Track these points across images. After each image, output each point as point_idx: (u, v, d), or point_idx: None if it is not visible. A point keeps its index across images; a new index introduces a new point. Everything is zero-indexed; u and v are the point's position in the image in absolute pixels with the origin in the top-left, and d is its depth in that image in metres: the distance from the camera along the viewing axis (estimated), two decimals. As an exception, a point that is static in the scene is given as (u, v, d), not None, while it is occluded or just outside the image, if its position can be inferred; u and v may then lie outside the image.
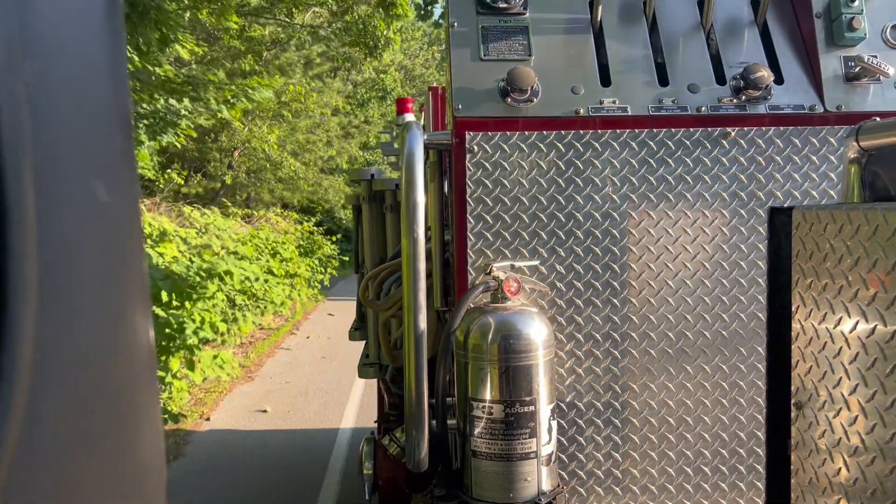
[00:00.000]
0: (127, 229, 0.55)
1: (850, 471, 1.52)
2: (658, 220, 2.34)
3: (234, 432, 7.39)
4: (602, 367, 2.37)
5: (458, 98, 2.33)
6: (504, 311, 2.16)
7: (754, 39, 2.48)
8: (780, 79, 2.42)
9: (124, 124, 0.55)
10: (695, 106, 2.36)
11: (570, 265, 2.34)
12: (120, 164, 0.54)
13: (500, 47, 2.40)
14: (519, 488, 2.12)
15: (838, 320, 1.55)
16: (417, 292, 2.21)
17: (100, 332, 0.51)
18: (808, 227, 1.66)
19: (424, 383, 2.23)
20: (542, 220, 2.33)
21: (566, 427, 2.38)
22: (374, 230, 3.52)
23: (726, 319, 2.37)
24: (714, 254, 2.35)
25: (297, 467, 6.36)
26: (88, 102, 0.51)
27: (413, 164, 2.23)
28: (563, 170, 2.32)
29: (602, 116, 2.33)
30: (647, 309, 2.36)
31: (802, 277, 1.71)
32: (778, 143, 2.34)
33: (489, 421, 2.11)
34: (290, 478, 6.12)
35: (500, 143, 2.31)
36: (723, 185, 2.34)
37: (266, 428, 7.52)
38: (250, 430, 7.47)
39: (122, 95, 0.54)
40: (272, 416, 7.93)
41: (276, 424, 7.62)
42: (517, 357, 2.10)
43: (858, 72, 2.39)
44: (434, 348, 2.51)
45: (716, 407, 2.39)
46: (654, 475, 2.40)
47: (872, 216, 1.41)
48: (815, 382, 1.65)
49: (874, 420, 1.43)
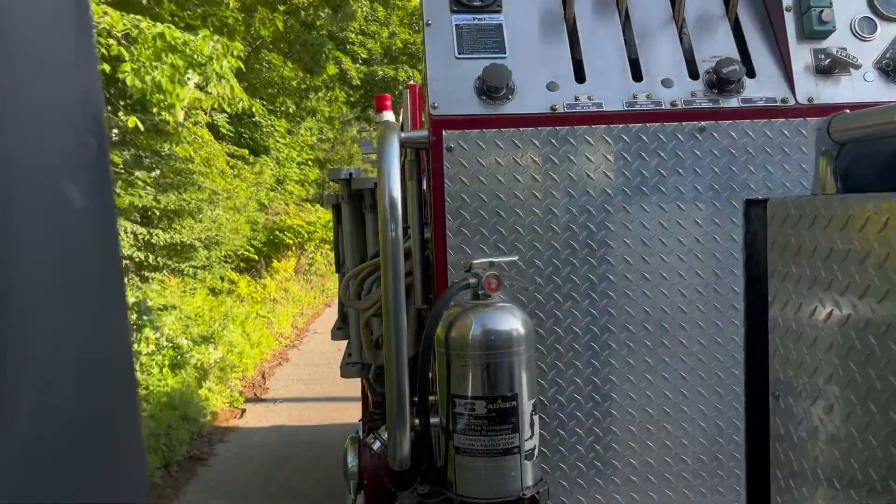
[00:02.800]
0: (101, 233, 0.55)
1: (827, 459, 1.54)
2: (635, 214, 2.36)
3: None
4: (583, 360, 2.39)
5: (435, 96, 2.33)
6: (484, 307, 2.16)
7: (726, 33, 2.50)
8: (753, 72, 2.44)
9: (97, 127, 0.54)
10: (669, 100, 2.38)
11: (549, 260, 2.35)
12: (93, 168, 0.53)
13: (475, 45, 2.40)
14: (503, 483, 2.13)
15: (814, 310, 1.57)
16: (396, 290, 2.21)
17: (75, 337, 0.51)
18: (783, 219, 1.68)
19: (405, 381, 2.23)
20: (521, 217, 2.34)
21: (548, 421, 2.39)
22: (353, 229, 3.51)
23: (704, 311, 2.39)
24: (691, 247, 2.37)
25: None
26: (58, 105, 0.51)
27: (389, 162, 2.23)
28: (540, 166, 2.33)
29: (577, 113, 2.34)
30: (625, 302, 2.38)
31: (778, 268, 1.73)
32: (751, 135, 2.36)
33: (471, 417, 2.12)
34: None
35: (476, 141, 2.31)
36: (698, 178, 2.36)
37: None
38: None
39: (93, 98, 0.54)
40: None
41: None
42: (498, 353, 2.11)
43: (829, 64, 2.42)
44: (416, 347, 2.51)
45: (695, 398, 2.42)
46: (637, 466, 2.43)
47: (844, 207, 1.43)
48: (793, 372, 1.68)
49: (850, 408, 1.45)
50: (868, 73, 2.43)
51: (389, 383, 2.24)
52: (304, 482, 6.08)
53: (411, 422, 2.26)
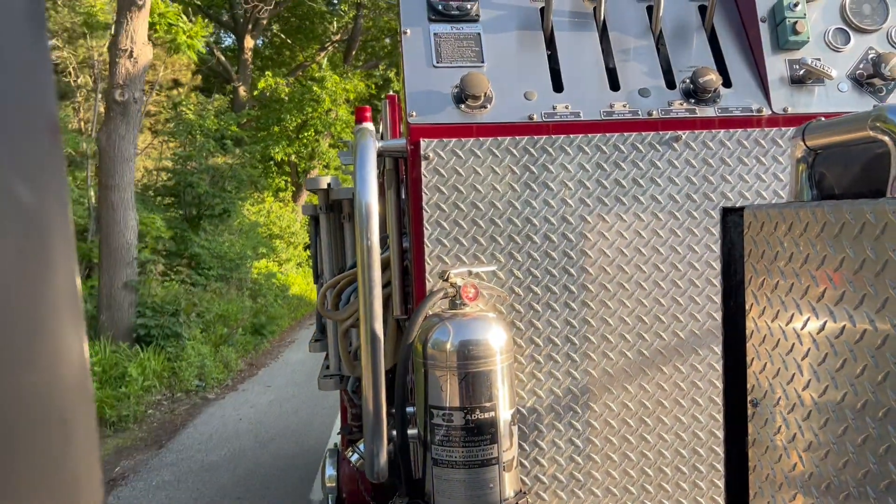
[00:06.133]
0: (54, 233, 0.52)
1: (805, 465, 1.54)
2: (612, 223, 2.36)
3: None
4: (561, 370, 2.38)
5: (413, 105, 2.32)
6: (462, 317, 2.15)
7: (702, 44, 2.52)
8: (728, 82, 2.46)
9: (50, 124, 0.52)
10: (646, 110, 2.38)
11: (527, 270, 2.34)
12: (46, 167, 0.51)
13: (452, 54, 2.40)
14: (481, 495, 2.10)
15: (790, 317, 1.57)
16: (373, 300, 2.19)
17: (22, 344, 0.49)
18: (759, 227, 1.68)
19: (382, 391, 2.21)
20: (499, 226, 2.33)
21: (527, 432, 2.37)
22: (331, 240, 3.49)
23: (682, 320, 2.39)
24: (668, 255, 2.38)
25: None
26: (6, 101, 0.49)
27: (365, 169, 2.21)
28: (518, 175, 2.33)
29: (555, 122, 2.34)
30: (603, 312, 2.37)
31: (755, 276, 1.73)
32: (727, 145, 2.38)
33: (449, 428, 2.10)
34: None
35: (454, 150, 2.30)
36: (675, 187, 2.37)
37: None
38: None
39: (46, 94, 0.52)
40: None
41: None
42: (476, 363, 2.09)
43: (803, 74, 2.44)
44: (395, 358, 2.49)
45: (674, 407, 2.41)
46: (616, 477, 2.41)
47: (820, 214, 1.43)
48: (770, 380, 1.67)
49: (826, 415, 1.45)
50: (842, 83, 2.46)
51: (366, 393, 2.21)
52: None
53: (389, 433, 2.24)
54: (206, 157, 15.06)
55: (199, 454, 7.03)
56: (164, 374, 9.53)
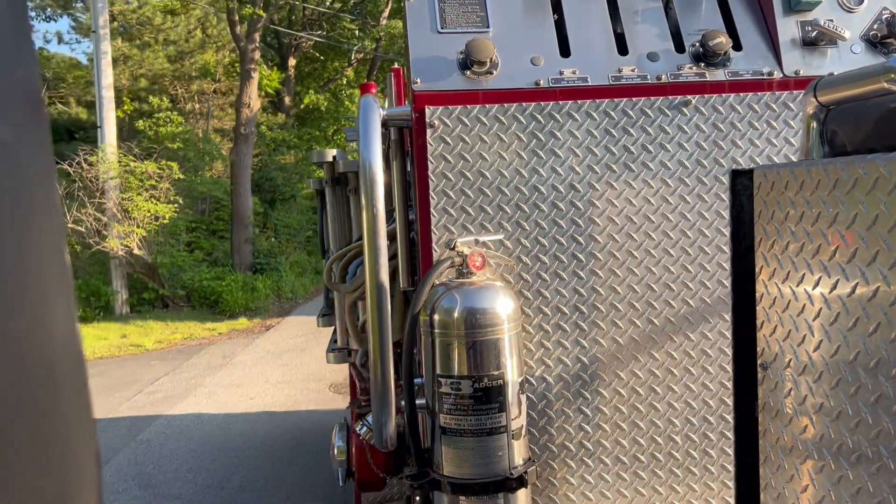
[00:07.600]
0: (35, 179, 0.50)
1: (816, 428, 1.51)
2: (621, 190, 2.33)
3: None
4: (570, 339, 2.36)
5: (417, 72, 2.29)
6: (469, 286, 2.13)
7: (712, 6, 2.47)
8: (739, 45, 2.41)
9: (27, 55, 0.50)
10: (655, 74, 2.34)
11: (534, 238, 2.32)
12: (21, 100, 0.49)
13: (457, 19, 2.36)
14: (490, 463, 2.10)
15: (801, 278, 1.54)
16: (379, 269, 2.18)
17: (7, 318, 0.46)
18: (770, 187, 1.65)
19: (390, 361, 2.20)
20: (506, 194, 2.30)
21: (536, 401, 2.36)
22: (338, 213, 3.47)
23: (692, 288, 2.37)
24: (678, 222, 2.34)
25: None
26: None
27: (369, 132, 2.18)
28: (525, 142, 2.30)
29: (562, 87, 2.31)
30: (612, 280, 2.35)
31: (765, 238, 1.70)
32: (738, 109, 2.34)
33: (457, 397, 2.09)
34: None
35: (460, 117, 2.27)
36: (685, 153, 2.33)
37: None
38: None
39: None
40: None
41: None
42: (484, 332, 2.08)
43: (815, 36, 2.39)
44: (402, 330, 2.48)
45: (684, 375, 2.39)
46: (625, 445, 2.40)
47: (832, 170, 1.40)
48: (780, 342, 1.65)
49: (838, 375, 1.43)
50: (855, 44, 2.41)
51: (374, 363, 2.20)
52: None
53: (397, 403, 2.23)
54: (277, 159, 22.61)
55: (297, 326, 13.31)
56: (273, 289, 16.78)
